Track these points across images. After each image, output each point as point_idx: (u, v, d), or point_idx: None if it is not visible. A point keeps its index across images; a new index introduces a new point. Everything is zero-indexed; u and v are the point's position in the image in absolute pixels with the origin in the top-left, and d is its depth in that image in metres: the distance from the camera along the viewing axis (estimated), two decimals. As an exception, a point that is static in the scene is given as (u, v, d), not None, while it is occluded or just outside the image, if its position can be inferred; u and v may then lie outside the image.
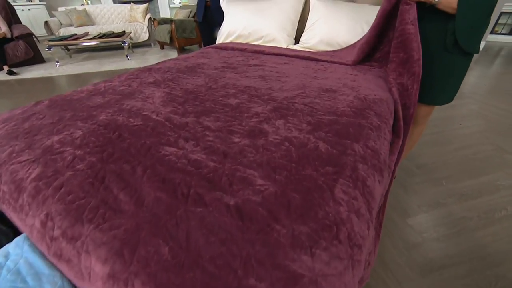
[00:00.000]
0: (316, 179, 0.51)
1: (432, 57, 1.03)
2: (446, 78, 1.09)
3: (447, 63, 1.05)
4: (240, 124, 0.70)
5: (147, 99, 0.88)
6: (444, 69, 1.06)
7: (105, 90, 0.97)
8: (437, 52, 1.03)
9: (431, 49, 1.03)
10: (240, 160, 0.56)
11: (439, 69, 1.06)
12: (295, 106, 0.80)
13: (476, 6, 0.89)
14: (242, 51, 1.51)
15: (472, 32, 0.93)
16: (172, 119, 0.74)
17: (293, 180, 0.51)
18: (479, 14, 0.92)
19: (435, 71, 1.07)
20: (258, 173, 0.52)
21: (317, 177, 0.52)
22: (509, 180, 1.55)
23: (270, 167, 0.54)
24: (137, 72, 1.17)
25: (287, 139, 0.63)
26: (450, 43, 0.99)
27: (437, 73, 1.08)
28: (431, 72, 1.07)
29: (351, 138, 0.65)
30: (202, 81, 1.04)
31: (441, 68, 1.06)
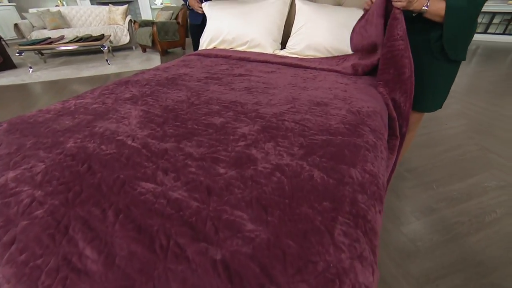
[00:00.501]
0: (313, 219, 0.45)
1: (421, 65, 1.03)
2: (435, 85, 1.08)
3: (436, 71, 1.05)
4: (226, 149, 0.64)
5: (123, 119, 0.80)
6: (433, 76, 1.06)
7: (75, 109, 0.88)
8: (425, 61, 1.03)
9: (419, 58, 1.02)
10: (227, 198, 0.49)
11: (428, 77, 1.05)
12: (285, 125, 0.74)
13: (463, 14, 0.87)
14: (226, 58, 1.44)
15: (459, 39, 0.92)
16: (150, 145, 0.66)
17: (287, 221, 0.45)
18: (465, 22, 0.91)
19: (424, 79, 1.06)
20: (248, 214, 0.46)
21: (314, 217, 0.46)
22: (495, 181, 1.57)
23: (261, 206, 0.48)
24: (112, 86, 1.08)
25: (278, 167, 0.57)
26: (436, 50, 0.99)
27: (426, 81, 1.07)
28: (420, 80, 1.06)
29: (348, 162, 0.60)
30: (184, 95, 0.96)
31: (430, 76, 1.05)
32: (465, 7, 0.85)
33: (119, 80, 1.14)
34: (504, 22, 5.26)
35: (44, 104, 2.73)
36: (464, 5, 0.85)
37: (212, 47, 1.67)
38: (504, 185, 1.53)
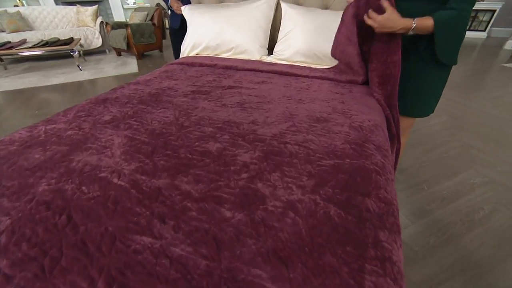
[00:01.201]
0: (339, 272, 0.40)
1: (413, 72, 1.04)
2: (428, 91, 1.09)
3: (428, 77, 1.06)
4: (228, 184, 0.57)
5: (104, 149, 0.70)
6: (425, 83, 1.06)
7: (46, 138, 0.76)
8: (416, 68, 1.05)
9: (410, 65, 1.03)
10: (239, 251, 0.43)
11: (421, 83, 1.07)
12: (288, 149, 0.69)
13: (452, 25, 0.89)
14: (211, 67, 1.35)
15: (451, 46, 0.92)
16: (140, 183, 0.58)
17: (312, 277, 0.40)
18: (457, 31, 0.91)
19: (418, 85, 1.07)
20: (266, 272, 0.40)
21: (340, 267, 0.41)
22: (480, 177, 1.63)
23: (280, 260, 0.42)
24: (88, 105, 0.96)
25: (290, 205, 0.52)
26: (426, 58, 1.00)
27: (419, 87, 1.07)
28: (414, 87, 1.07)
29: (362, 192, 0.56)
30: (171, 115, 0.87)
31: (423, 82, 1.06)
32: (454, 18, 0.85)
33: (95, 98, 1.02)
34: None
35: (8, 119, 2.48)
36: (453, 16, 0.85)
37: (194, 54, 1.58)
38: (487, 181, 1.59)
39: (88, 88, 3.10)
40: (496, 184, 1.57)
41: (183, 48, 1.59)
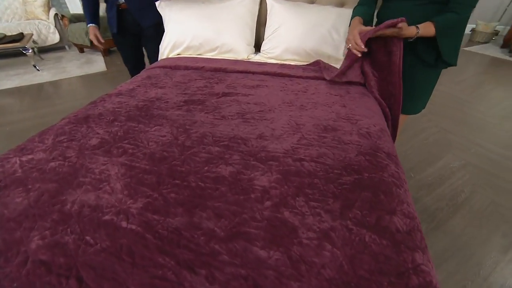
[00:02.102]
0: (392, 310, 0.39)
1: (409, 73, 1.07)
2: (421, 90, 1.13)
3: (422, 77, 1.10)
4: (253, 217, 0.53)
5: (101, 184, 0.62)
6: (419, 83, 1.11)
7: (25, 174, 0.66)
8: (412, 69, 1.08)
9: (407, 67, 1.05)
10: (286, 300, 0.40)
11: (416, 83, 1.11)
12: (305, 167, 0.66)
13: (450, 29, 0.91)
14: (198, 70, 1.26)
15: (453, 49, 0.94)
16: (154, 224, 0.52)
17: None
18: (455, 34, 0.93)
19: (413, 85, 1.11)
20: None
21: (391, 305, 0.40)
22: (458, 161, 1.75)
23: (331, 305, 0.40)
24: (68, 126, 0.84)
25: (324, 235, 0.50)
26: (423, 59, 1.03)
27: (414, 87, 1.12)
28: (409, 86, 1.10)
29: (388, 210, 0.55)
30: (168, 133, 0.80)
31: (417, 82, 1.11)
32: (455, 21, 0.86)
33: (74, 116, 0.90)
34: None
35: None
36: (454, 19, 0.86)
37: (175, 55, 1.46)
38: (465, 164, 1.71)
39: (51, 91, 2.78)
40: (471, 166, 1.69)
41: (162, 48, 1.46)
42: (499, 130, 2.05)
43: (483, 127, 2.09)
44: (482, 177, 1.61)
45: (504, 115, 2.25)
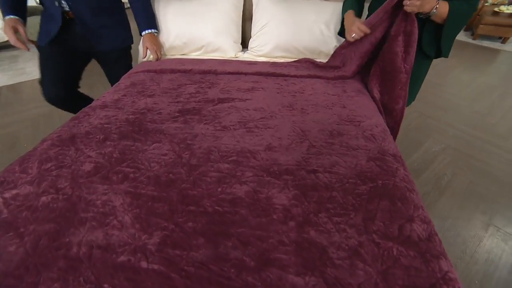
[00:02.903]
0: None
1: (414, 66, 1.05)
2: (419, 81, 1.15)
3: (421, 69, 1.11)
4: (280, 240, 0.52)
5: (107, 218, 0.56)
6: (418, 74, 1.11)
7: (13, 215, 0.58)
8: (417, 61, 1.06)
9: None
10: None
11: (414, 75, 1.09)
12: (320, 179, 0.65)
13: (462, 18, 0.91)
14: (186, 73, 1.18)
15: (452, 39, 0.96)
16: (177, 262, 0.48)
17: None
18: (462, 24, 0.95)
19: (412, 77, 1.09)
20: None
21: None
22: (438, 145, 1.86)
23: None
24: (53, 150, 0.76)
25: (354, 252, 0.50)
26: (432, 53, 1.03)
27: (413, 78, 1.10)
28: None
29: (407, 217, 0.57)
30: (170, 151, 0.74)
31: (417, 73, 1.10)
32: (465, 11, 0.88)
33: (58, 137, 0.81)
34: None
35: None
36: (465, 9, 0.87)
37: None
38: (445, 147, 1.83)
39: (11, 97, 2.49)
40: (451, 149, 1.81)
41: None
42: (471, 112, 2.20)
43: (457, 110, 2.23)
44: (460, 159, 1.73)
45: (473, 97, 2.42)
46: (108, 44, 1.17)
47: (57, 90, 1.14)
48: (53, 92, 1.14)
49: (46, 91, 1.14)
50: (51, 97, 1.15)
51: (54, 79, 1.13)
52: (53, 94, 1.14)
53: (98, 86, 2.40)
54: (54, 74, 1.13)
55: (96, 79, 1.83)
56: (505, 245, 1.25)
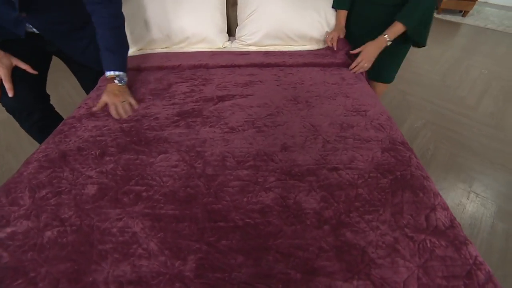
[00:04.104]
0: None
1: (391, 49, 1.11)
2: (394, 61, 1.24)
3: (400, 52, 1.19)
4: (320, 247, 0.51)
5: (130, 247, 0.51)
6: (393, 55, 1.18)
7: (16, 259, 0.50)
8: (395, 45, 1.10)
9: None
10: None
11: (389, 55, 1.16)
12: (343, 177, 0.65)
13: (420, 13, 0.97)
14: (174, 70, 1.09)
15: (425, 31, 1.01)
16: (221, 286, 0.46)
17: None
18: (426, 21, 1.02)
19: (387, 57, 1.16)
20: None
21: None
22: (419, 120, 1.97)
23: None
24: (44, 173, 0.66)
25: (392, 249, 0.51)
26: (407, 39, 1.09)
27: (387, 59, 1.18)
28: (384, 58, 1.14)
29: (429, 206, 0.59)
30: (180, 162, 0.69)
31: (391, 55, 1.17)
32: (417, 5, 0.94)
33: (44, 156, 0.71)
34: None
35: None
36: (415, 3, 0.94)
37: (135, 51, 1.23)
38: (425, 123, 1.94)
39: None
40: (430, 123, 1.93)
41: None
42: (443, 86, 2.34)
43: (431, 85, 2.35)
44: (439, 132, 1.85)
45: (443, 71, 2.56)
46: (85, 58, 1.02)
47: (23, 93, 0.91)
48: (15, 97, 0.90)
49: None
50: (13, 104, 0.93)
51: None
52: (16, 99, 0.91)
53: (64, 83, 2.15)
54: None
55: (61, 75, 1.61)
56: (484, 208, 1.38)
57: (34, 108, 0.94)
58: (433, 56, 2.83)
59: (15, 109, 0.91)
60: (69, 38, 0.95)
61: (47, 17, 0.86)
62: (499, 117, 1.96)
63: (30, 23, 0.84)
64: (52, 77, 1.30)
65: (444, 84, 2.36)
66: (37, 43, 0.94)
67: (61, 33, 0.92)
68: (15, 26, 0.83)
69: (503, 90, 2.21)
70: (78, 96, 2.09)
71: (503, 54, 2.76)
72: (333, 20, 1.22)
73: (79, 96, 2.07)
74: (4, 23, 0.82)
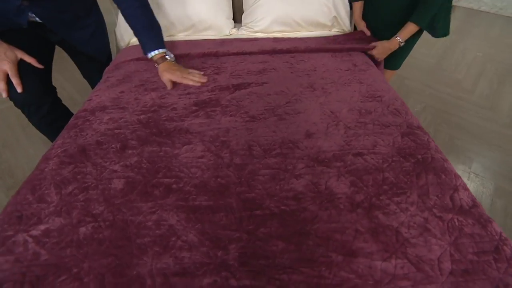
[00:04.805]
0: (507, 279, 0.47)
1: None
2: (406, 51, 1.26)
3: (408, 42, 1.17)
4: (356, 229, 0.53)
5: (169, 240, 0.52)
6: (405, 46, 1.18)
7: (54, 256, 0.50)
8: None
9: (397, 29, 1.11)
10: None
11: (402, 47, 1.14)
12: (368, 161, 0.66)
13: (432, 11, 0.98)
14: (184, 58, 1.06)
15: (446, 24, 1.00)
16: (266, 272, 0.47)
17: None
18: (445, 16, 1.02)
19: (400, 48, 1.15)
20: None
21: (505, 277, 0.47)
22: (419, 104, 2.00)
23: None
24: (66, 169, 0.64)
25: (423, 229, 0.53)
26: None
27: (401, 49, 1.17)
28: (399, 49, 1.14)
29: (453, 187, 0.61)
30: (205, 152, 0.68)
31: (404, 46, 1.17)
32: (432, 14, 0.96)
33: (63, 151, 0.68)
34: None
35: None
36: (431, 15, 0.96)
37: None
38: (425, 106, 1.97)
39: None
40: (429, 107, 1.96)
41: (119, 35, 1.16)
42: (439, 70, 2.37)
43: (428, 69, 2.38)
44: (439, 116, 1.89)
45: (440, 54, 2.59)
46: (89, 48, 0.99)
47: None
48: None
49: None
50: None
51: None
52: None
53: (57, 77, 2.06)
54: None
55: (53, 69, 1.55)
56: (483, 188, 1.45)
57: (43, 101, 0.90)
58: (429, 40, 2.83)
59: (25, 103, 0.87)
60: (72, 27, 0.90)
61: (50, 5, 0.81)
62: (494, 99, 2.01)
63: (33, 11, 0.79)
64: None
65: (441, 67, 2.39)
66: (39, 33, 0.89)
67: (64, 22, 0.88)
68: (17, 15, 0.78)
69: (497, 73, 2.26)
70: (73, 89, 2.01)
71: (497, 36, 2.80)
72: (340, 3, 1.21)
73: (74, 89, 2.00)
74: (5, 12, 0.77)
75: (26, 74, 0.82)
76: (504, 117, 1.84)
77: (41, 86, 0.89)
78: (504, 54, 2.51)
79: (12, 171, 1.46)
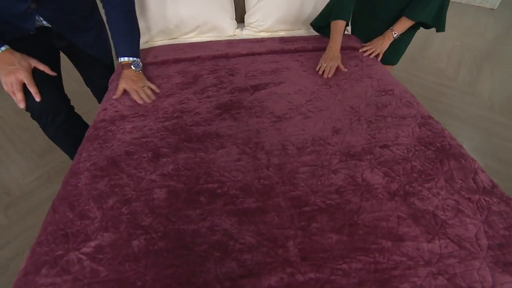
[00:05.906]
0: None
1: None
2: (403, 46, 1.30)
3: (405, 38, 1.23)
4: (399, 216, 0.57)
5: (227, 244, 0.53)
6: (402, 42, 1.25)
7: (115, 274, 0.49)
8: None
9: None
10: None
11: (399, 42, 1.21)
12: (395, 152, 0.71)
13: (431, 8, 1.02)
14: (194, 61, 1.05)
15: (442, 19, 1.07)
16: (331, 265, 0.50)
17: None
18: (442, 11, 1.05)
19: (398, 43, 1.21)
20: None
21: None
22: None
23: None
24: (101, 183, 0.63)
25: (458, 211, 0.58)
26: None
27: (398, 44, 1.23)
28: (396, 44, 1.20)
29: (474, 171, 0.67)
30: (241, 155, 0.69)
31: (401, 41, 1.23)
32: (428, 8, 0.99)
33: (92, 164, 0.66)
34: None
35: None
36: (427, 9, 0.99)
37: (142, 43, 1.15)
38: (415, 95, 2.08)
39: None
40: (419, 96, 1.98)
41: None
42: (423, 59, 2.50)
43: (413, 59, 2.50)
44: (428, 104, 2.00)
45: (422, 45, 2.73)
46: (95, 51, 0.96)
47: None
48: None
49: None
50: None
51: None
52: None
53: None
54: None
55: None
56: (474, 167, 1.57)
57: (59, 109, 0.88)
58: (409, 31, 2.99)
59: (42, 113, 0.83)
60: (78, 29, 0.88)
61: (57, 7, 0.78)
62: (475, 85, 2.16)
63: (41, 14, 0.76)
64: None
65: (424, 57, 2.52)
66: (45, 39, 0.85)
67: (71, 24, 0.85)
68: (24, 20, 0.74)
69: (475, 60, 2.42)
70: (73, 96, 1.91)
71: (470, 26, 2.99)
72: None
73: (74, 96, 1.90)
74: (12, 18, 0.73)
75: (42, 82, 0.79)
76: (486, 101, 1.99)
77: (57, 94, 0.87)
78: (478, 42, 2.70)
79: (7, 187, 1.37)
